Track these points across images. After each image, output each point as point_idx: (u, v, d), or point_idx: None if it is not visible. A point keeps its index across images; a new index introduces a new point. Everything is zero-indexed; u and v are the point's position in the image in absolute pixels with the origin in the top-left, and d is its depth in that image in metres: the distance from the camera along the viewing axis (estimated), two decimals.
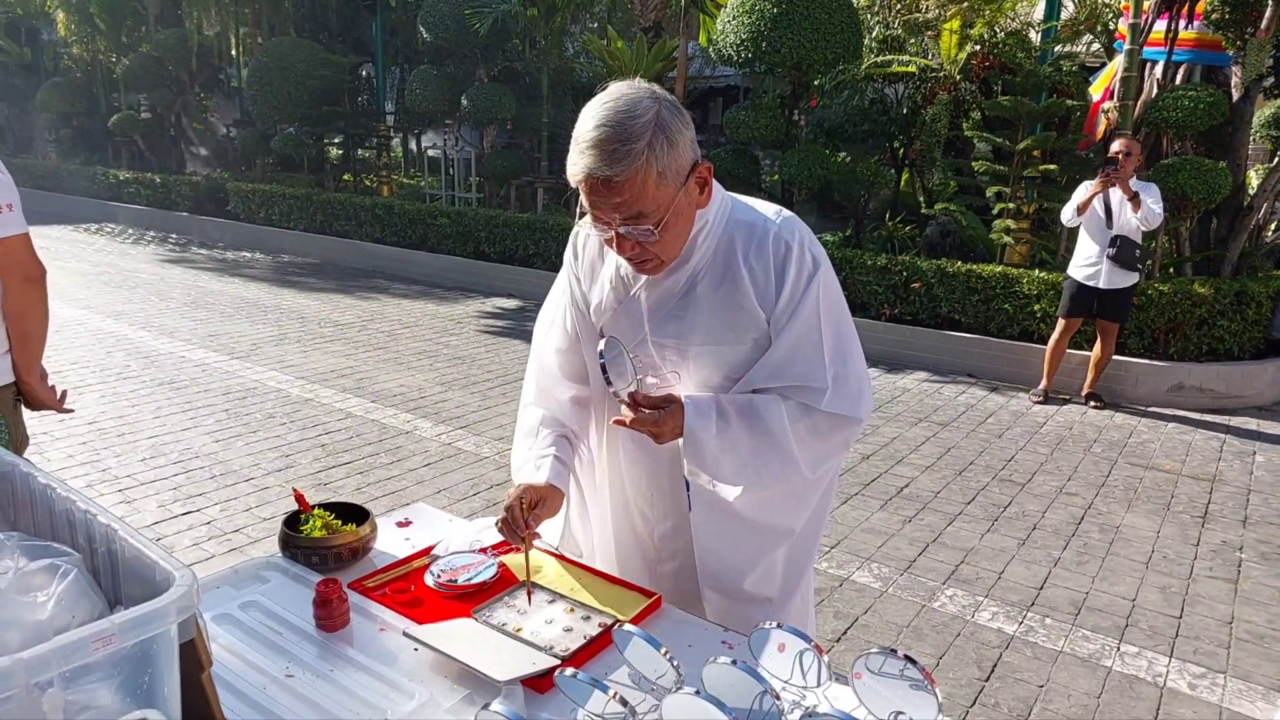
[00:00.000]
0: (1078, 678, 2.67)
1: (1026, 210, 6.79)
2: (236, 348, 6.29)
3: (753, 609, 1.49)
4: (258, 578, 1.42)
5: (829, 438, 1.39)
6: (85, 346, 6.14)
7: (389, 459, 4.28)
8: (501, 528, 1.40)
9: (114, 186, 13.74)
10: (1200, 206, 6.02)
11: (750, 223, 1.35)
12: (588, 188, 1.21)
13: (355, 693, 1.13)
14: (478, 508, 3.74)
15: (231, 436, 4.50)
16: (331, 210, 10.54)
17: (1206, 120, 5.94)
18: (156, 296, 7.98)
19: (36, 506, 0.99)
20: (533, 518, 1.39)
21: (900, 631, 2.90)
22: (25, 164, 15.33)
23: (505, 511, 1.39)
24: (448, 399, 5.30)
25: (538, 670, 1.15)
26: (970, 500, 4.02)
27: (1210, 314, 5.67)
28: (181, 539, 3.36)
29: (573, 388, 1.53)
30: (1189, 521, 3.85)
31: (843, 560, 3.38)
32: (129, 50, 14.08)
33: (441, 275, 9.34)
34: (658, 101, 1.21)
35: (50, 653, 0.68)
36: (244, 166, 13.21)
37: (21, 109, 16.99)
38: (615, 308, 1.43)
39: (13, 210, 1.98)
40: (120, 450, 4.25)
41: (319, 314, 7.55)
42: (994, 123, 7.32)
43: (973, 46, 7.35)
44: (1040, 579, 3.29)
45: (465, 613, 1.32)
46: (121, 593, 0.88)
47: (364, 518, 1.53)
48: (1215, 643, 2.89)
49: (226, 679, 1.13)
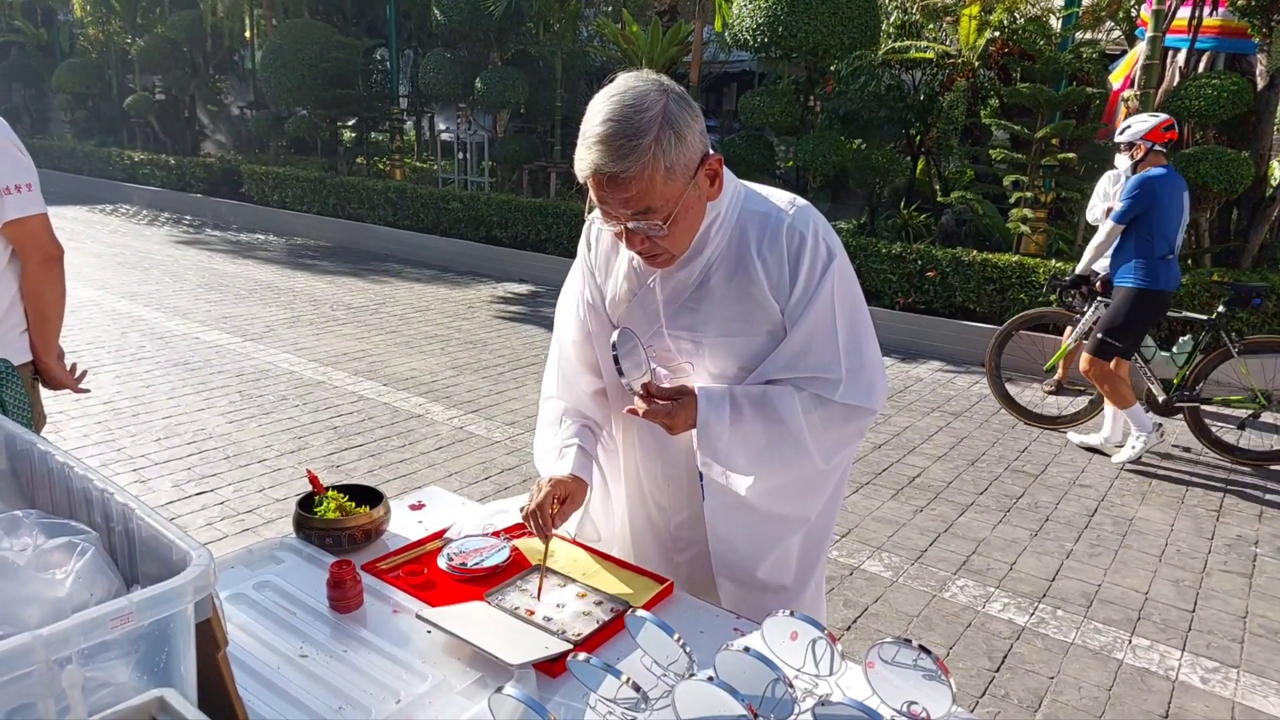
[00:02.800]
0: (1089, 670, 2.66)
1: (1044, 199, 6.71)
2: (250, 329, 6.32)
3: (768, 597, 1.48)
4: (272, 558, 1.43)
5: (843, 428, 1.39)
6: (101, 327, 6.19)
7: (401, 442, 4.30)
8: (527, 520, 1.40)
9: (129, 168, 13.80)
10: (1221, 197, 5.94)
11: (763, 213, 1.34)
12: (595, 184, 1.20)
13: (369, 674, 1.13)
14: (489, 491, 3.76)
15: (245, 418, 4.53)
16: (344, 193, 10.54)
17: (1230, 109, 5.84)
18: (171, 278, 8.02)
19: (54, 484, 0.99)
20: (560, 515, 1.40)
21: (910, 621, 2.89)
22: (41, 144, 15.41)
23: (535, 509, 1.39)
24: (459, 383, 5.32)
25: (550, 654, 1.15)
26: (982, 491, 4.00)
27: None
28: (195, 519, 3.39)
29: (594, 379, 1.53)
30: (1203, 515, 3.82)
31: (853, 549, 3.38)
32: (144, 31, 14.09)
33: (454, 259, 9.34)
34: (665, 94, 1.19)
35: (69, 629, 0.69)
36: (258, 149, 13.23)
37: (38, 90, 17.07)
38: (630, 300, 1.42)
39: (32, 190, 1.98)
40: (135, 430, 4.29)
41: (332, 297, 7.57)
42: (1012, 110, 7.23)
43: (992, 32, 7.25)
44: (1052, 571, 3.28)
45: (478, 596, 1.32)
46: (138, 571, 0.89)
47: (377, 500, 1.54)
48: (1229, 637, 2.87)
49: (241, 658, 1.14)
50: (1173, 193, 4.16)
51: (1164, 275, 4.16)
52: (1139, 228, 4.16)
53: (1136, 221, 4.15)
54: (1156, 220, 4.11)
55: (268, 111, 12.40)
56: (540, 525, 1.38)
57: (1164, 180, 4.13)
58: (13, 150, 1.95)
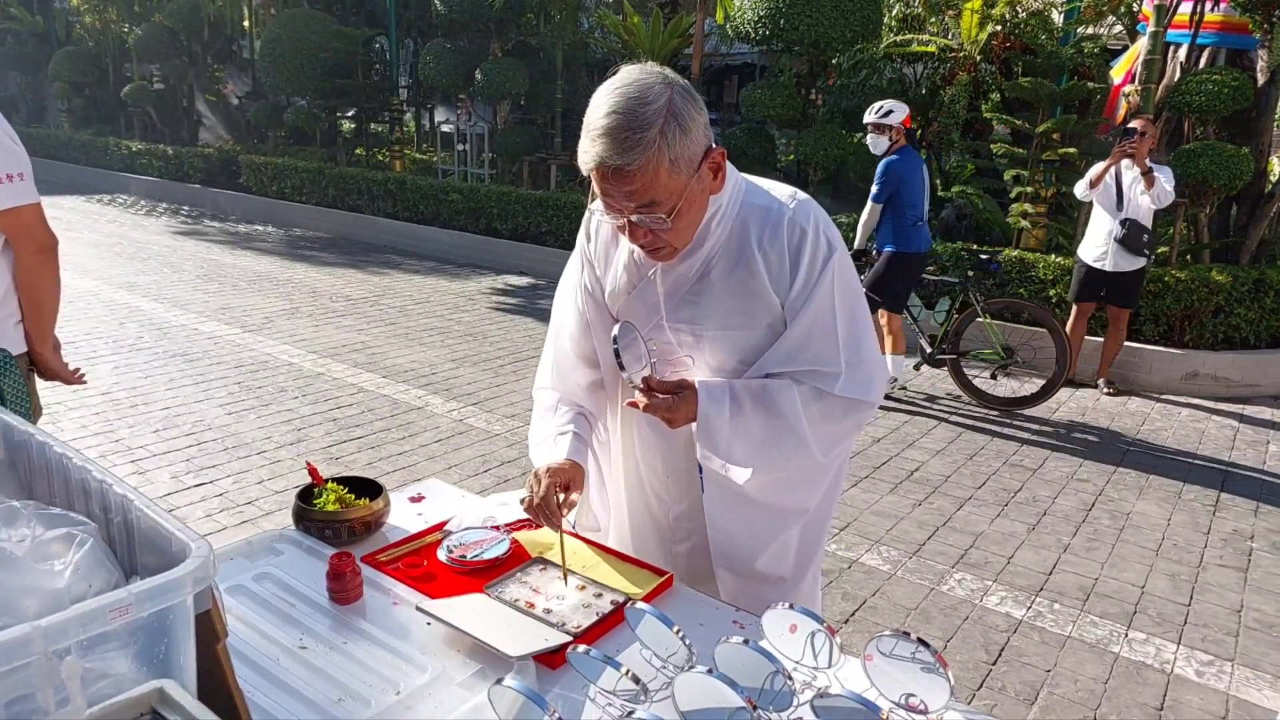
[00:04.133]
0: (1085, 663, 2.67)
1: (1044, 194, 6.70)
2: (248, 321, 6.31)
3: (766, 588, 1.49)
4: (271, 550, 1.43)
5: (842, 421, 1.39)
6: (99, 318, 6.17)
7: (400, 434, 4.30)
8: (533, 514, 1.39)
9: (126, 157, 13.75)
10: (1221, 193, 5.93)
11: (764, 207, 1.34)
12: (599, 176, 1.20)
13: (368, 665, 1.13)
14: (488, 484, 3.76)
15: (244, 409, 4.53)
16: (343, 184, 10.51)
17: (1230, 105, 5.83)
18: (169, 268, 8.00)
19: (53, 475, 0.99)
20: (565, 504, 1.39)
21: (908, 614, 2.90)
22: (38, 134, 15.35)
23: (540, 501, 1.37)
24: (459, 375, 5.31)
25: (550, 646, 1.15)
26: (980, 485, 4.01)
27: (1227, 301, 5.61)
28: (194, 510, 3.39)
29: (590, 372, 1.53)
30: (1200, 510, 3.83)
31: (852, 542, 3.39)
32: (141, 20, 14.02)
33: (453, 251, 9.33)
34: (670, 87, 1.19)
35: (68, 621, 0.69)
36: (256, 139, 13.18)
37: (34, 78, 16.98)
38: (630, 293, 1.42)
39: (24, 179, 1.97)
40: (133, 421, 4.28)
41: (331, 288, 7.56)
42: (1013, 105, 7.21)
43: (994, 27, 7.22)
44: (1049, 564, 3.29)
45: (477, 588, 1.33)
46: (137, 562, 0.89)
47: (377, 492, 1.53)
48: (1224, 630, 2.88)
49: (240, 650, 1.14)
50: (913, 171, 4.86)
51: (914, 239, 4.89)
52: (892, 204, 4.87)
53: (889, 199, 4.85)
54: (904, 196, 4.81)
55: (266, 101, 12.35)
56: (550, 516, 1.37)
57: (905, 162, 4.84)
58: (4, 139, 1.93)
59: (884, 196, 4.85)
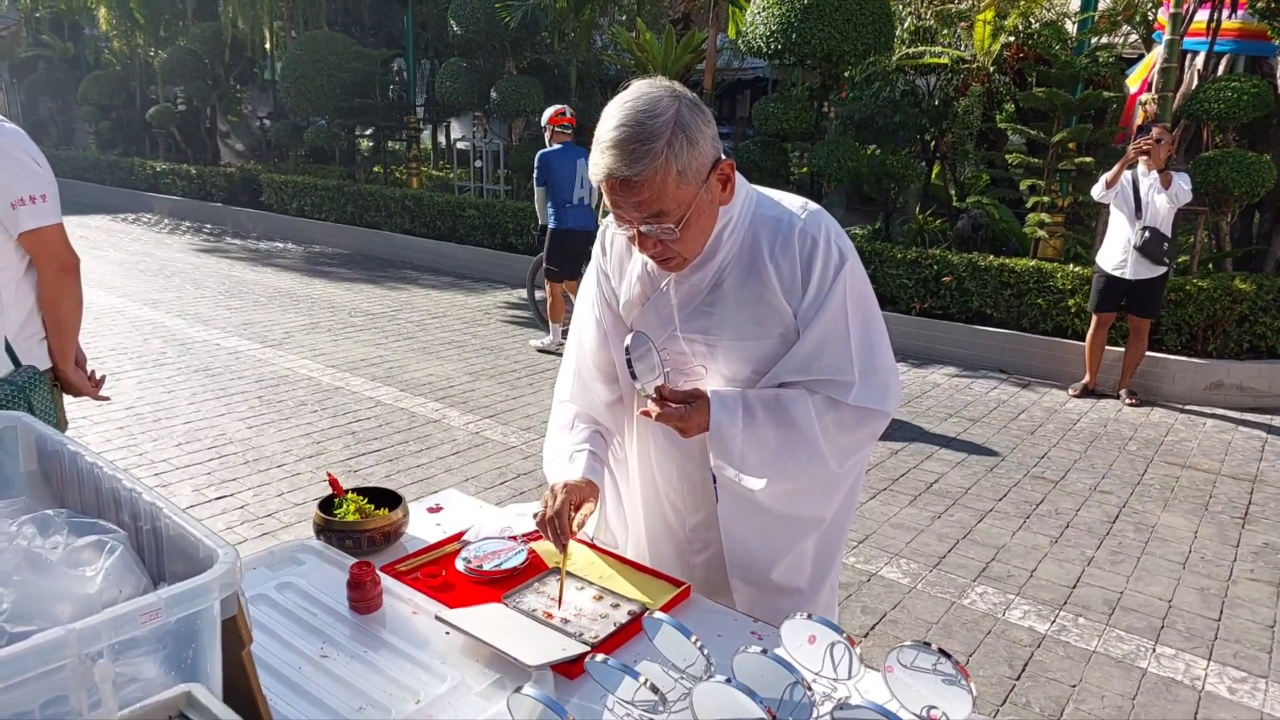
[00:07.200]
0: (1112, 678, 2.63)
1: (1061, 204, 6.66)
2: (269, 336, 6.39)
3: (782, 599, 1.48)
4: (293, 560, 1.44)
5: (856, 431, 1.39)
6: (123, 333, 6.27)
7: (418, 447, 4.32)
8: (543, 528, 1.40)
9: (151, 177, 14.00)
10: (1243, 201, 5.87)
11: (775, 218, 1.35)
12: (609, 187, 1.22)
13: (389, 674, 1.14)
14: (505, 496, 3.77)
15: (264, 423, 4.57)
16: (362, 201, 10.64)
17: (1250, 112, 5.78)
18: (192, 285, 8.12)
19: (84, 484, 1.01)
20: (579, 521, 1.40)
21: (929, 628, 2.87)
22: (66, 155, 15.68)
23: (554, 516, 1.38)
24: (476, 388, 5.34)
25: (568, 656, 1.16)
26: (1001, 497, 3.96)
27: (1252, 310, 5.54)
28: (215, 522, 3.42)
29: (610, 388, 1.54)
30: (1228, 522, 3.77)
31: (871, 555, 3.36)
32: (166, 44, 14.32)
33: (469, 266, 9.40)
34: (678, 100, 1.21)
35: (101, 624, 0.70)
36: (277, 158, 13.38)
37: (64, 102, 17.40)
38: (643, 304, 1.43)
39: (48, 201, 2.01)
40: (156, 435, 4.34)
41: (349, 303, 7.64)
42: (1028, 115, 7.19)
43: (1007, 37, 7.22)
44: (1073, 578, 3.24)
45: (496, 598, 1.33)
46: (165, 569, 0.90)
47: (396, 503, 1.55)
48: (1257, 647, 2.83)
49: (263, 657, 1.15)
50: (564, 162, 5.96)
51: (568, 218, 5.99)
52: (550, 189, 6.00)
53: (546, 184, 6.00)
54: (556, 183, 5.97)
55: (287, 121, 12.54)
56: (558, 533, 1.38)
57: (557, 155, 5.99)
58: (29, 162, 1.98)
59: (540, 182, 6.02)
